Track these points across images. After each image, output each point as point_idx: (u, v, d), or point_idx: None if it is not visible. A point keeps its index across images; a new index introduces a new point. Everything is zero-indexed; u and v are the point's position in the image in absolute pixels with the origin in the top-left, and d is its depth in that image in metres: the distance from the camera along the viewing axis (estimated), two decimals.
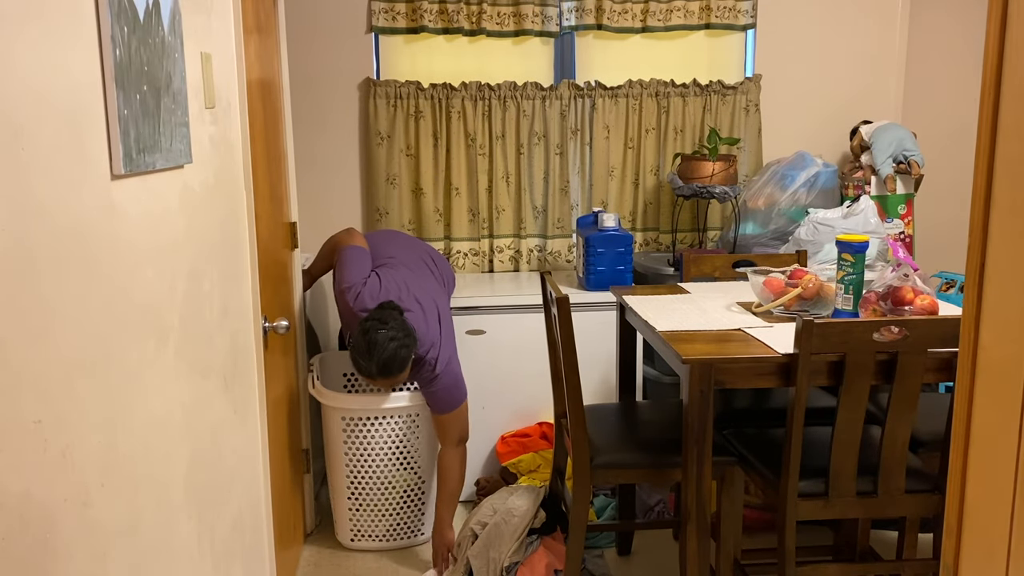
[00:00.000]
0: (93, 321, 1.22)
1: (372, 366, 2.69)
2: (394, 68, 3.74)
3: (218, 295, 1.85)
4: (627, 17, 3.72)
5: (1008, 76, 0.93)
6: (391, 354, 2.67)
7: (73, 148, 1.17)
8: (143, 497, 1.39)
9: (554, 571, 2.64)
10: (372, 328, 2.69)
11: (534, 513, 2.72)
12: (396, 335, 2.69)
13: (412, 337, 2.74)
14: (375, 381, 2.76)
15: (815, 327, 2.04)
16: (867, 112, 3.88)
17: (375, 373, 2.71)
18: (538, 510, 2.74)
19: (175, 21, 1.55)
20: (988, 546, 1.00)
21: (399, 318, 2.75)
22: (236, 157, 2.06)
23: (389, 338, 2.67)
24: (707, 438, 2.19)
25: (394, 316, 2.74)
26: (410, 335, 2.73)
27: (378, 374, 2.71)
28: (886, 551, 2.87)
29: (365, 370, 2.72)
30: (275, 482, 2.40)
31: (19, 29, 1.04)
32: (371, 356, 2.68)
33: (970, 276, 1.00)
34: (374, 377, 2.73)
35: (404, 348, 2.70)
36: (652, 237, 3.89)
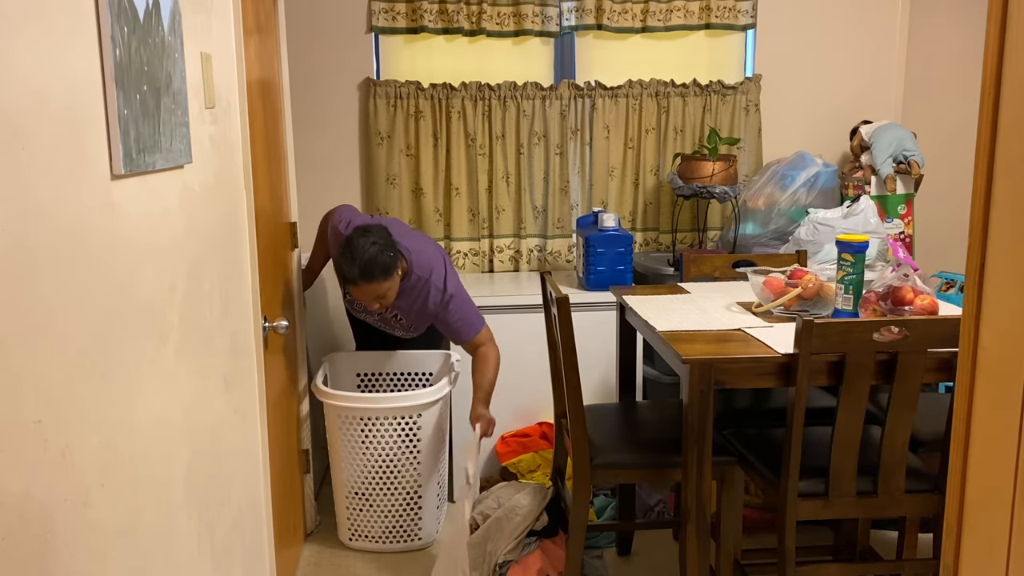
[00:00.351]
0: (93, 321, 1.22)
1: (354, 269, 2.70)
2: (394, 68, 3.74)
3: (218, 295, 1.85)
4: (627, 17, 3.72)
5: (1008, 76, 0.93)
6: (372, 256, 2.70)
7: (73, 148, 1.17)
8: (143, 497, 1.39)
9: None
10: (355, 236, 2.76)
11: (537, 515, 2.72)
12: (378, 241, 2.75)
13: (395, 248, 2.78)
14: (360, 289, 2.75)
15: (815, 327, 2.04)
16: (867, 112, 3.88)
17: (357, 276, 2.71)
18: (541, 512, 2.74)
19: (175, 21, 1.55)
20: (988, 546, 1.00)
21: (384, 231, 2.80)
22: (236, 157, 2.06)
23: (371, 243, 2.73)
24: (707, 438, 2.19)
25: (379, 230, 2.80)
26: (393, 247, 2.78)
27: (360, 277, 2.71)
28: (886, 551, 2.87)
29: (349, 275, 2.73)
30: (275, 482, 2.40)
31: (19, 29, 1.04)
32: (353, 259, 2.70)
33: (970, 276, 1.00)
34: (357, 282, 2.73)
35: (385, 253, 2.73)
36: (652, 237, 3.89)
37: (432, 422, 2.95)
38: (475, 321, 2.95)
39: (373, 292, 2.76)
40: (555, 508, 2.77)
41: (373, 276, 2.72)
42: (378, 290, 2.76)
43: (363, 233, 2.76)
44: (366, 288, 2.75)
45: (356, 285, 2.74)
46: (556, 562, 2.64)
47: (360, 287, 2.74)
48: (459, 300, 2.92)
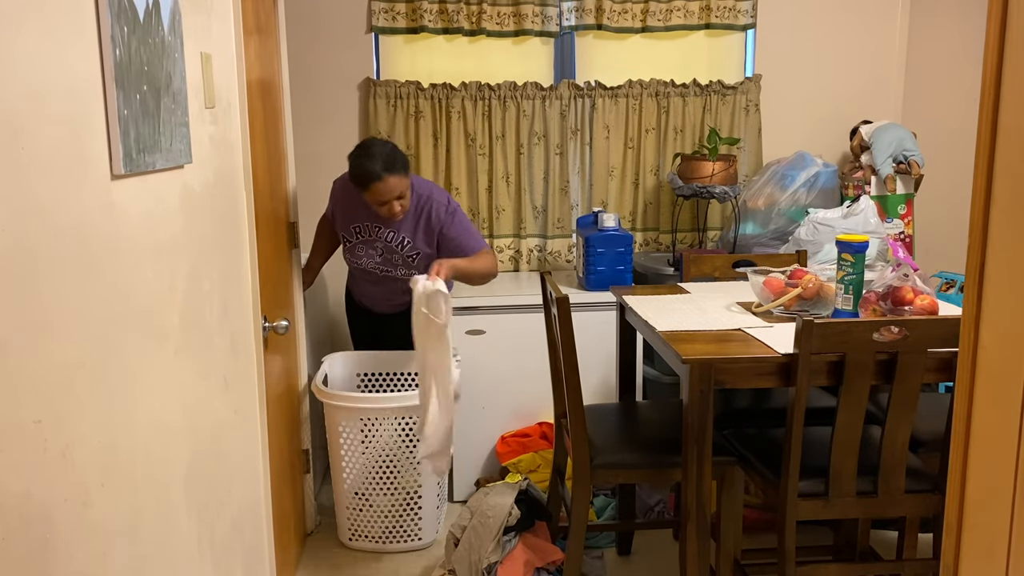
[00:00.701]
0: (93, 321, 1.22)
1: (377, 163, 2.74)
2: (394, 68, 3.74)
3: (218, 295, 1.85)
4: (627, 17, 3.72)
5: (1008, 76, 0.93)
6: (390, 149, 2.80)
7: (73, 148, 1.17)
8: (143, 497, 1.39)
9: (534, 568, 2.63)
10: (367, 141, 2.87)
11: (507, 511, 2.71)
12: (387, 143, 2.86)
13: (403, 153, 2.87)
14: (384, 184, 2.75)
15: (815, 327, 2.04)
16: (867, 112, 3.87)
17: (380, 169, 2.74)
18: (511, 507, 2.72)
19: (175, 21, 1.55)
20: (988, 546, 1.00)
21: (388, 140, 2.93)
22: (236, 157, 2.06)
23: (381, 143, 2.84)
24: (707, 438, 2.19)
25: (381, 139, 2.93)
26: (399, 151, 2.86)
27: (384, 169, 2.74)
28: (886, 551, 2.87)
29: (371, 170, 2.74)
30: (275, 482, 2.40)
31: (19, 29, 1.04)
32: (371, 155, 2.76)
33: (970, 276, 1.00)
34: (381, 176, 2.74)
35: (399, 151, 2.84)
36: (652, 237, 3.89)
37: None
38: (479, 239, 3.02)
39: (396, 187, 2.78)
40: (525, 500, 2.76)
41: (395, 168, 2.76)
42: (400, 185, 2.79)
43: (370, 139, 2.87)
44: (390, 181, 2.76)
45: (380, 179, 2.75)
46: (540, 552, 2.64)
47: (385, 180, 2.75)
48: (462, 215, 3.00)
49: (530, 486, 2.81)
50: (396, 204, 2.83)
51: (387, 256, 3.05)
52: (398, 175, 2.78)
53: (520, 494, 2.75)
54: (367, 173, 2.75)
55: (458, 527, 2.75)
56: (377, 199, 2.81)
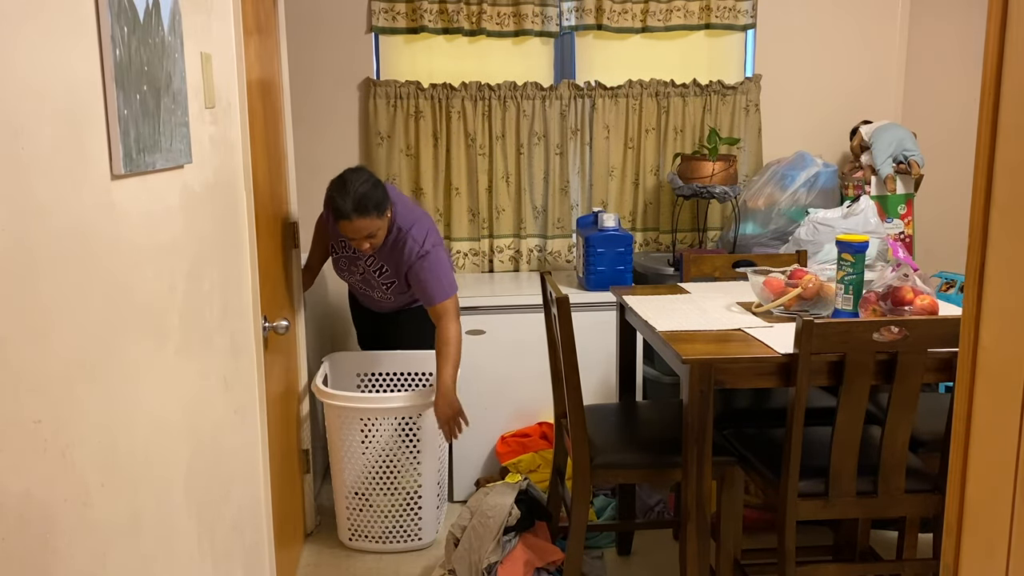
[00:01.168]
0: (93, 321, 1.22)
1: (348, 202, 2.72)
2: (394, 68, 3.74)
3: (218, 295, 1.85)
4: (627, 17, 3.72)
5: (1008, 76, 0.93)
6: (365, 191, 2.74)
7: (73, 148, 1.17)
8: (143, 497, 1.39)
9: (535, 569, 2.63)
10: (348, 173, 2.81)
11: (508, 511, 2.71)
12: (369, 179, 2.80)
13: (384, 190, 2.82)
14: (352, 225, 2.75)
15: (815, 327, 2.04)
16: (867, 112, 3.88)
17: (351, 210, 2.72)
18: (511, 507, 2.72)
19: (175, 21, 1.55)
20: (988, 546, 1.00)
21: (373, 174, 2.86)
22: (236, 157, 2.06)
23: (363, 180, 2.78)
24: (707, 438, 2.19)
25: (370, 172, 2.87)
26: (381, 186, 2.82)
27: (353, 211, 2.72)
28: (886, 551, 2.87)
29: (342, 208, 2.73)
30: (275, 482, 2.40)
31: (19, 29, 1.04)
32: (345, 192, 2.73)
33: (970, 276, 1.00)
34: (350, 216, 2.73)
35: (377, 189, 2.78)
36: (652, 237, 3.89)
37: (432, 422, 2.95)
38: (445, 286, 2.94)
39: (364, 228, 2.77)
40: (525, 500, 2.76)
41: (366, 210, 2.73)
42: (369, 227, 2.77)
43: (355, 171, 2.82)
44: (358, 223, 2.75)
45: (349, 220, 2.74)
46: (540, 552, 2.64)
47: (353, 222, 2.74)
48: (434, 259, 2.93)
49: (530, 486, 2.81)
50: (365, 242, 2.83)
51: (366, 277, 3.09)
52: (368, 217, 2.75)
53: (520, 494, 2.75)
54: (337, 210, 2.75)
55: (458, 527, 2.75)
56: (345, 234, 2.83)
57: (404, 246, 2.90)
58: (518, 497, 2.74)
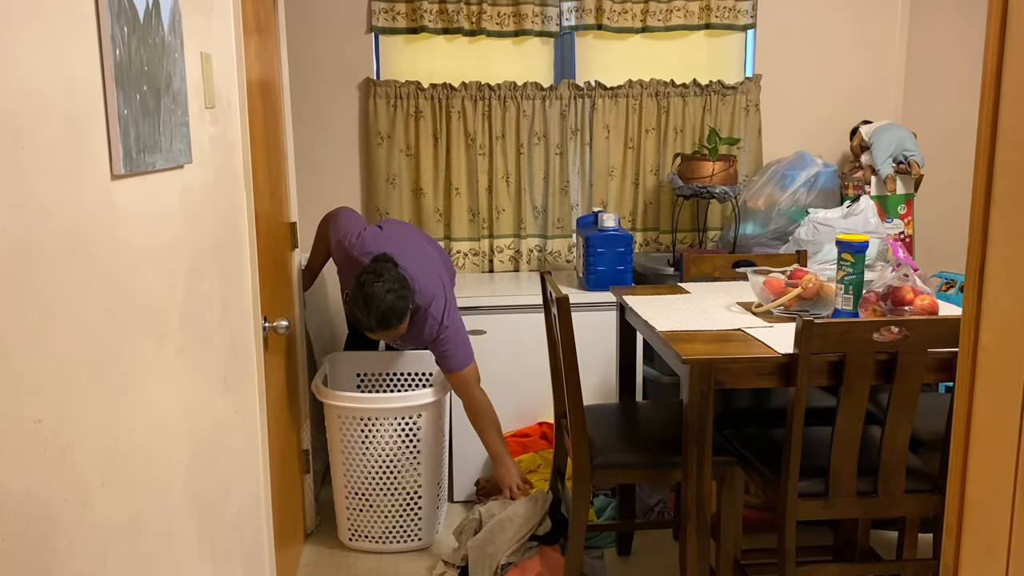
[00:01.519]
0: (93, 321, 1.22)
1: (371, 319, 2.70)
2: (394, 68, 3.74)
3: (218, 295, 1.85)
4: (627, 17, 3.72)
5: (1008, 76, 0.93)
6: (389, 306, 2.68)
7: (73, 148, 1.17)
8: (143, 497, 1.39)
9: None
10: (368, 281, 2.70)
11: (539, 519, 2.72)
12: (392, 287, 2.70)
13: (408, 288, 2.75)
14: (375, 334, 2.79)
15: (815, 327, 2.04)
16: (867, 112, 3.88)
17: (374, 326, 2.72)
18: (544, 516, 2.73)
19: (175, 21, 1.55)
20: (988, 546, 1.00)
21: (394, 270, 2.75)
22: (236, 157, 2.06)
23: (386, 290, 2.68)
24: (707, 438, 2.19)
25: (389, 268, 2.75)
26: (406, 286, 2.74)
27: (377, 327, 2.72)
28: (886, 551, 2.87)
29: (364, 324, 2.73)
30: (275, 482, 2.40)
31: (19, 29, 1.04)
32: (369, 309, 2.68)
33: (970, 276, 1.00)
34: (374, 331, 2.75)
35: (401, 300, 2.71)
36: (652, 237, 3.89)
37: (432, 422, 2.95)
38: (464, 357, 2.94)
39: (388, 336, 2.83)
40: (557, 513, 2.77)
41: (390, 325, 2.74)
42: (394, 335, 2.82)
43: (376, 277, 2.71)
44: (379, 334, 2.79)
45: (371, 331, 2.77)
46: (554, 569, 2.64)
47: (375, 333, 2.78)
48: (453, 331, 2.92)
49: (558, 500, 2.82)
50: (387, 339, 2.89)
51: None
52: (390, 330, 2.76)
53: (553, 506, 2.76)
54: (361, 324, 2.76)
55: (487, 512, 2.76)
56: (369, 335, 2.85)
57: (424, 324, 2.89)
58: (551, 509, 2.75)
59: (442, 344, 2.90)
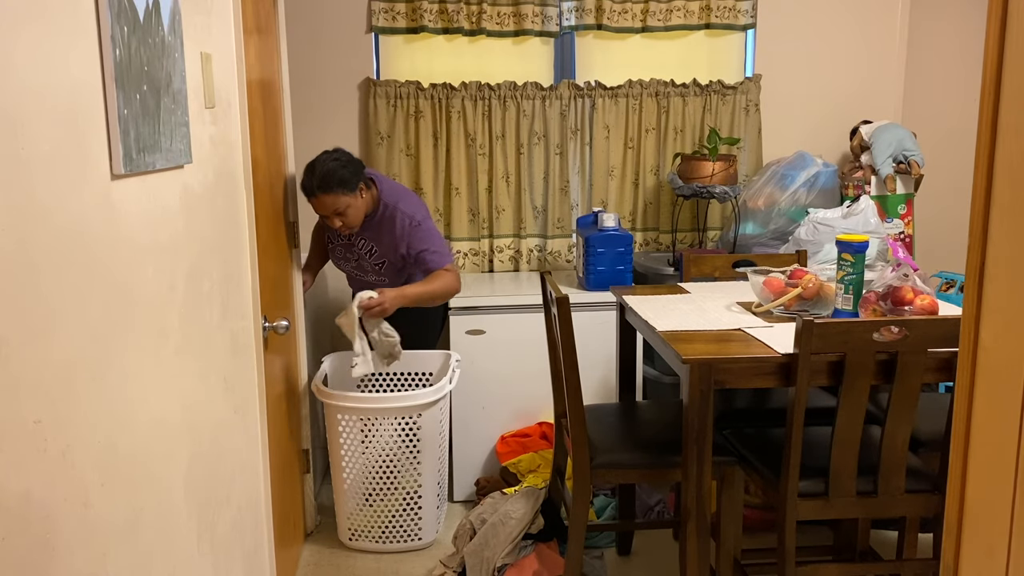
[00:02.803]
0: (93, 321, 1.22)
1: (313, 180, 2.82)
2: (394, 68, 3.74)
3: (218, 295, 1.85)
4: (627, 17, 3.72)
5: (1008, 76, 0.93)
6: (331, 169, 2.81)
7: (73, 148, 1.17)
8: (143, 497, 1.39)
9: None
10: (320, 155, 2.89)
11: (532, 518, 2.72)
12: (339, 157, 2.86)
13: (357, 165, 2.89)
14: (319, 201, 2.85)
15: (815, 327, 2.04)
16: (867, 112, 3.87)
17: (315, 187, 2.82)
18: (536, 515, 2.73)
19: (175, 21, 1.55)
20: (988, 546, 1.00)
21: (351, 155, 2.91)
22: (236, 157, 2.06)
23: (332, 158, 2.85)
24: (707, 438, 2.19)
25: (346, 153, 2.91)
26: (354, 162, 2.88)
27: (318, 188, 2.81)
28: (886, 551, 2.87)
29: (307, 186, 2.84)
30: (275, 482, 2.40)
31: (19, 29, 1.04)
32: (312, 171, 2.84)
33: (970, 276, 1.00)
34: (315, 193, 2.83)
35: (344, 169, 2.83)
36: (652, 237, 3.89)
37: (432, 422, 2.95)
38: (444, 254, 3.00)
39: (331, 205, 2.84)
40: (550, 510, 2.77)
41: (330, 188, 2.81)
42: (336, 203, 2.84)
43: (328, 151, 2.89)
44: (324, 200, 2.83)
45: (315, 197, 2.84)
46: (551, 566, 2.64)
47: (318, 198, 2.83)
48: (428, 229, 2.99)
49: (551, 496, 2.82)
50: (336, 220, 2.89)
51: (359, 263, 3.11)
52: (333, 194, 2.82)
53: (544, 504, 2.76)
54: (303, 187, 2.87)
55: (478, 518, 2.76)
56: (318, 213, 2.93)
57: (395, 221, 2.95)
58: (543, 507, 2.75)
59: (419, 241, 2.95)
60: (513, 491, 2.93)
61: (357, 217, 2.91)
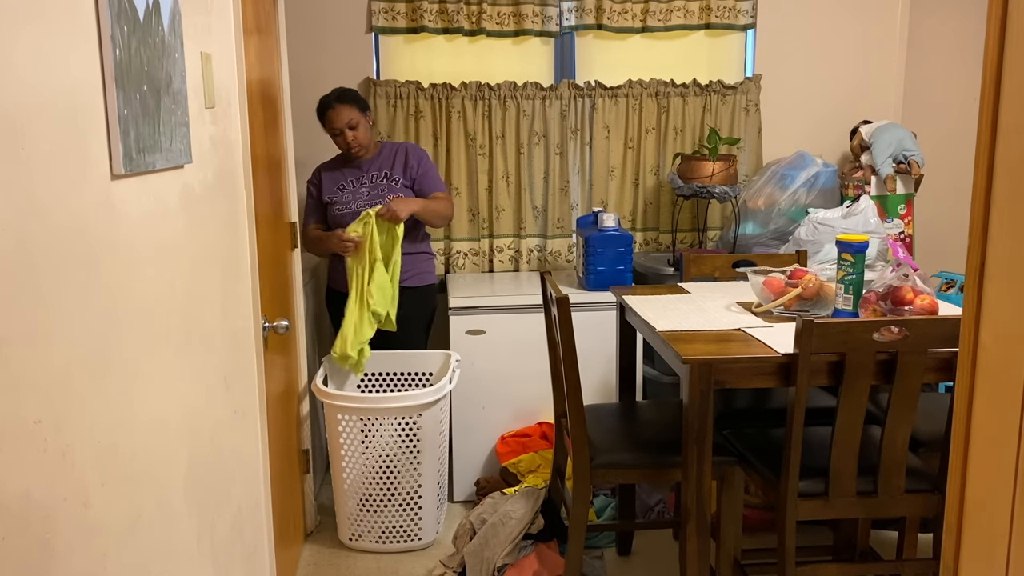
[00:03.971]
0: (93, 321, 1.22)
1: (331, 94, 3.14)
2: (394, 68, 3.74)
3: (218, 295, 1.85)
4: (627, 17, 3.72)
5: (1008, 76, 0.93)
6: (346, 89, 3.18)
7: (73, 148, 1.17)
8: (143, 497, 1.39)
9: None
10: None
11: (531, 518, 2.72)
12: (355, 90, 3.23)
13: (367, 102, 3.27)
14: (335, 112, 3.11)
15: (815, 327, 2.04)
16: (867, 112, 3.87)
17: (332, 99, 3.12)
18: (536, 515, 2.73)
19: (175, 21, 1.55)
20: (988, 546, 1.00)
21: None
22: (236, 157, 2.06)
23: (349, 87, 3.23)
24: (707, 438, 2.19)
25: None
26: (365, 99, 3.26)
27: (335, 99, 3.11)
28: (886, 551, 2.87)
29: (324, 101, 3.14)
30: (275, 482, 2.40)
31: (19, 29, 1.04)
32: (329, 92, 3.15)
33: (970, 276, 1.00)
34: (333, 104, 3.11)
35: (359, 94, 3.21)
36: (652, 237, 3.89)
37: (432, 422, 2.95)
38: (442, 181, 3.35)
39: (347, 116, 3.11)
40: (550, 510, 2.77)
41: (345, 99, 3.11)
42: (351, 115, 3.11)
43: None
44: (340, 110, 3.11)
45: (332, 108, 3.11)
46: (551, 566, 2.64)
47: (336, 109, 3.11)
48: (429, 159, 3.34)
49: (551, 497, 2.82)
50: (348, 133, 3.13)
51: (373, 193, 3.20)
52: (348, 105, 3.11)
53: (544, 504, 2.75)
54: (322, 103, 3.13)
55: (478, 518, 2.76)
56: (332, 128, 3.14)
57: (406, 152, 3.26)
58: (543, 507, 2.74)
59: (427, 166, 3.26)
60: (513, 491, 2.93)
61: (366, 137, 3.17)
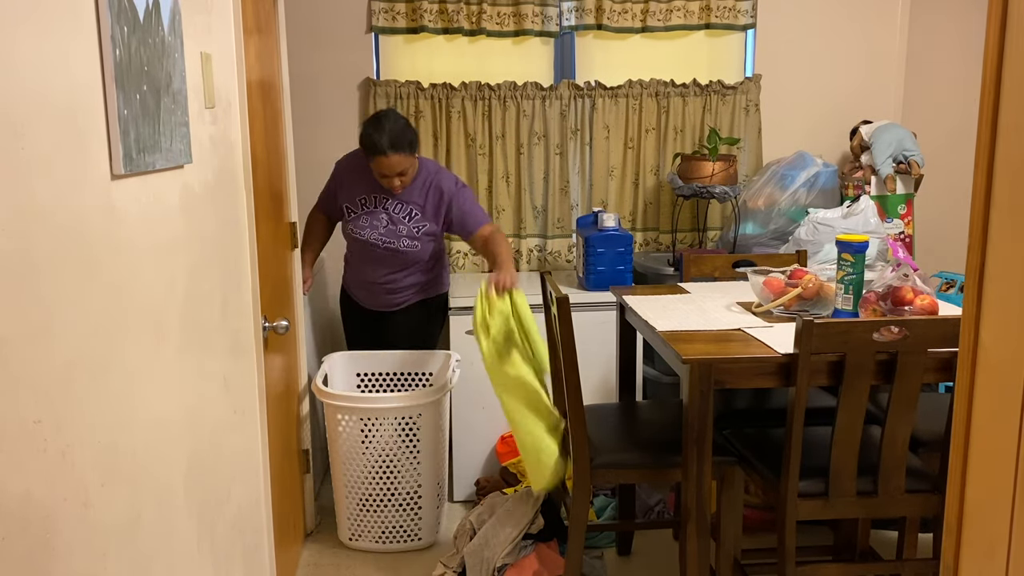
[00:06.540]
0: (93, 321, 1.22)
1: (384, 138, 2.87)
2: (394, 68, 3.74)
3: (218, 295, 1.85)
4: (627, 17, 3.72)
5: (1008, 76, 0.93)
6: (401, 127, 2.93)
7: (73, 148, 1.17)
8: (143, 497, 1.39)
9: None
10: (382, 112, 3.02)
11: (531, 518, 2.72)
12: (401, 119, 2.98)
13: (415, 131, 3.01)
14: (387, 160, 2.90)
15: (815, 327, 2.04)
16: (867, 112, 3.87)
17: (387, 146, 2.88)
18: (536, 515, 2.73)
19: (175, 21, 1.55)
20: (988, 546, 1.00)
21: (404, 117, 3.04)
22: (236, 157, 2.06)
23: (396, 119, 2.96)
24: (707, 438, 2.19)
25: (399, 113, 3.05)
26: (412, 128, 3.00)
27: (389, 147, 2.88)
28: (886, 551, 2.87)
29: (378, 144, 2.88)
30: (275, 482, 2.40)
31: (19, 28, 1.04)
32: (381, 128, 2.89)
33: (970, 276, 1.00)
34: (386, 152, 2.88)
35: (410, 129, 2.97)
36: (652, 237, 3.89)
37: (432, 422, 2.95)
38: (482, 216, 3.12)
39: (398, 165, 2.92)
40: (550, 510, 2.77)
41: (400, 147, 2.90)
42: (403, 163, 2.93)
43: (388, 111, 3.02)
44: (392, 159, 2.90)
45: (384, 156, 2.89)
46: (551, 566, 2.64)
47: (388, 157, 2.89)
48: (470, 192, 3.15)
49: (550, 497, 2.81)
50: (396, 180, 2.96)
51: (391, 227, 3.09)
52: (402, 154, 2.90)
53: (544, 504, 2.75)
54: (373, 145, 2.89)
55: (478, 518, 2.76)
56: (379, 171, 2.96)
57: (441, 183, 3.07)
58: (543, 507, 2.74)
59: (464, 201, 3.07)
60: (513, 491, 2.92)
61: (411, 179, 3.03)
